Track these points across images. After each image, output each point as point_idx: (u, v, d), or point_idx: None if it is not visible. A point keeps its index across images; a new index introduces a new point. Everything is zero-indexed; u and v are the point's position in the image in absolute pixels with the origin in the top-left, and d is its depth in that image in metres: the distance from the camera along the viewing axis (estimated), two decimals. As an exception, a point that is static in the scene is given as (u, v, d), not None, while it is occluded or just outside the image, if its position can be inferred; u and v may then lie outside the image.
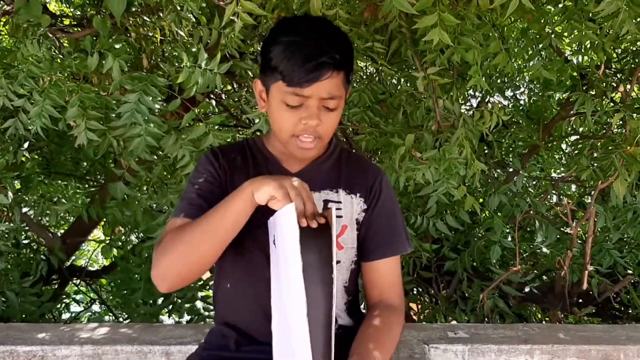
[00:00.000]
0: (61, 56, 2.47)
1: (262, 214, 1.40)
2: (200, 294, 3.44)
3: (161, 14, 2.56)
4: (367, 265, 1.64)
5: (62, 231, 4.38)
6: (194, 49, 2.42)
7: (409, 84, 3.04)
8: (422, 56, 2.42)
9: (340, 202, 1.61)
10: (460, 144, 2.39)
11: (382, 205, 1.65)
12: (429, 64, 2.37)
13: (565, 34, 2.65)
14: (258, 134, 2.48)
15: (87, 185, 4.32)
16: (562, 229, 3.27)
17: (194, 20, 2.67)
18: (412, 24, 2.18)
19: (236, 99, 3.65)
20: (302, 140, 1.51)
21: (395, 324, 1.57)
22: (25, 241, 3.78)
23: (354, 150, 2.91)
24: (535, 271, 3.58)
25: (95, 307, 4.93)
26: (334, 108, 1.50)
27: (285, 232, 1.29)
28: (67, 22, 3.24)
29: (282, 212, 1.30)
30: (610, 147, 2.73)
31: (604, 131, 3.32)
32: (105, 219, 3.77)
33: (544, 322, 3.83)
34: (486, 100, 4.16)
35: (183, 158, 2.46)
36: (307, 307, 1.25)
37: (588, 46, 2.80)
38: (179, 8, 2.43)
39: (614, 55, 3.36)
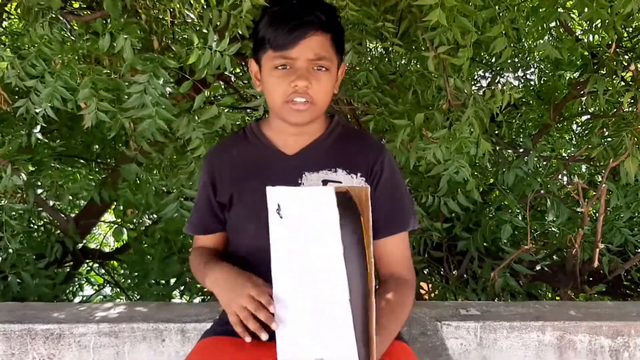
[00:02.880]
0: (72, 38, 2.48)
1: None
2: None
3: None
4: (375, 243, 1.64)
5: (74, 214, 4.41)
6: (204, 31, 2.42)
7: (418, 64, 3.04)
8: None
9: (340, 182, 1.61)
10: (471, 123, 2.38)
11: (385, 183, 1.64)
12: (437, 42, 2.36)
13: (575, 11, 2.63)
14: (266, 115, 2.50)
15: (97, 169, 4.35)
16: (573, 207, 3.27)
17: (203, 1, 2.67)
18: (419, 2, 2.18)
19: (245, 81, 3.65)
20: (294, 102, 1.51)
21: (407, 296, 1.58)
22: (39, 223, 3.81)
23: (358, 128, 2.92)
24: (546, 250, 3.58)
25: (108, 290, 4.98)
26: (323, 69, 1.51)
27: (317, 214, 1.25)
28: (76, 4, 3.25)
29: (314, 194, 1.27)
30: (621, 126, 2.73)
31: (615, 110, 3.31)
32: (117, 201, 3.80)
33: (555, 300, 3.84)
34: (496, 80, 4.15)
35: (195, 140, 2.47)
36: (348, 283, 1.22)
37: (599, 25, 2.78)
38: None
39: (625, 34, 3.34)
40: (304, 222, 1.28)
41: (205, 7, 2.55)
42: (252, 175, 1.64)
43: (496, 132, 3.48)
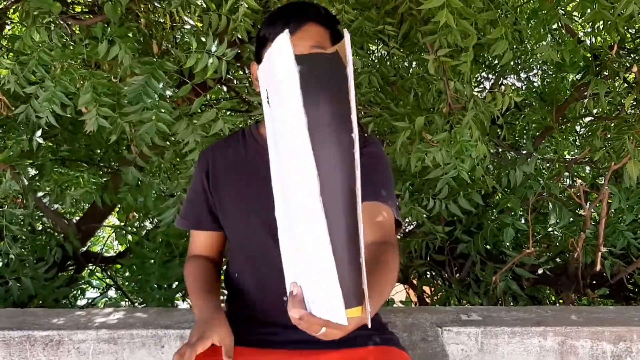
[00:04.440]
0: (73, 43, 2.47)
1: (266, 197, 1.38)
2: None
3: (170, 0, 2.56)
4: None
5: (78, 218, 4.41)
6: (203, 37, 2.42)
7: (420, 67, 3.03)
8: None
9: None
10: (471, 127, 2.37)
11: (365, 162, 1.58)
12: (437, 45, 2.35)
13: (576, 13, 2.62)
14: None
15: (101, 172, 4.35)
16: (575, 210, 3.25)
17: (204, 5, 2.66)
18: (420, 5, 2.17)
19: (246, 83, 3.65)
20: None
21: (393, 257, 1.43)
22: (40, 228, 3.82)
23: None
24: (548, 253, 3.56)
25: (112, 293, 4.98)
26: None
27: (279, 76, 0.93)
28: (78, 9, 3.25)
29: (274, 46, 0.94)
30: (623, 128, 2.71)
31: (618, 112, 3.29)
32: (119, 205, 3.80)
33: (557, 304, 3.82)
34: (499, 82, 4.14)
35: (191, 143, 2.47)
36: (319, 181, 0.89)
37: (601, 27, 2.77)
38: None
39: (628, 35, 3.33)
40: (277, 96, 0.98)
41: (206, 11, 2.55)
42: (245, 173, 1.64)
43: (499, 134, 3.47)
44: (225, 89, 3.64)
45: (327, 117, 0.90)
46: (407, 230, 3.74)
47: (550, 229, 3.27)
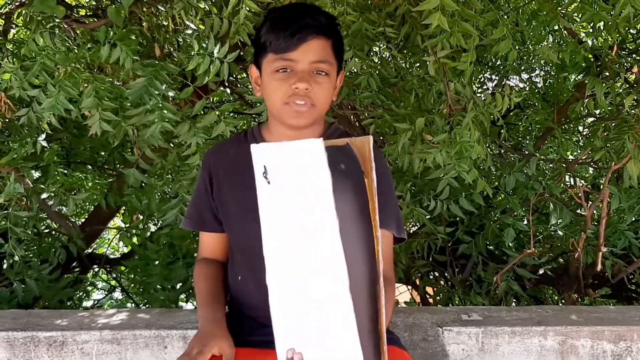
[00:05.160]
0: (75, 47, 2.49)
1: None
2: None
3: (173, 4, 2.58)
4: None
5: (82, 220, 4.44)
6: (205, 41, 2.44)
7: (421, 68, 3.04)
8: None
9: None
10: (470, 128, 2.38)
11: None
12: (439, 47, 2.36)
13: (576, 14, 2.62)
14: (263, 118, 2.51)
15: (106, 175, 4.37)
16: (576, 211, 3.26)
17: (206, 8, 2.68)
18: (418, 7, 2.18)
19: (249, 85, 3.66)
20: (294, 104, 1.51)
21: (391, 295, 1.56)
22: (46, 230, 3.84)
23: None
24: (550, 253, 3.57)
25: (117, 294, 5.01)
26: (324, 73, 1.52)
27: (306, 175, 1.02)
28: (82, 12, 3.27)
29: (300, 147, 1.02)
30: (623, 129, 2.71)
31: (619, 112, 3.30)
32: (124, 207, 3.82)
33: (560, 304, 3.82)
34: (502, 83, 4.14)
35: (193, 146, 2.48)
36: (349, 277, 0.99)
37: (602, 27, 2.77)
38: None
39: (629, 36, 3.33)
40: (294, 187, 1.06)
41: (207, 14, 2.56)
42: (247, 175, 1.65)
43: (501, 134, 3.47)
44: (228, 91, 3.65)
45: (352, 215, 1.03)
46: (409, 231, 3.75)
47: (551, 229, 3.27)
